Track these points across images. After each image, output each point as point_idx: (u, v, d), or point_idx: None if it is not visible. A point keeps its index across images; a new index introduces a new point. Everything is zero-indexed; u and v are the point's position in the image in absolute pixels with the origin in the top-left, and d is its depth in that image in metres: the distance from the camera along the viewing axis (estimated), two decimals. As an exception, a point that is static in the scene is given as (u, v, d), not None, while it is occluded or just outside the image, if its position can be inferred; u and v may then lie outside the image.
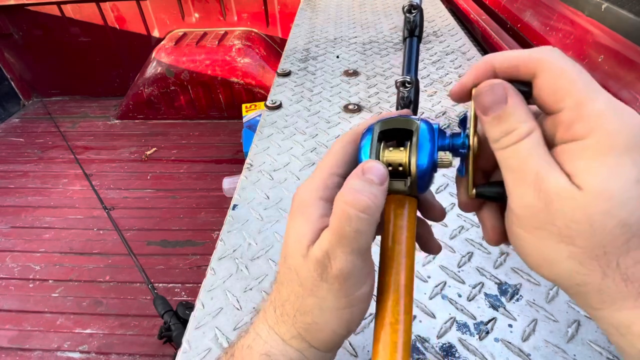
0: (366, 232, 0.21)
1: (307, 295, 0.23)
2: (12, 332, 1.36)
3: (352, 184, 0.22)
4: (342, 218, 0.21)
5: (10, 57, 2.68)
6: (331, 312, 0.23)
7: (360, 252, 0.22)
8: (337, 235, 0.21)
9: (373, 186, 0.22)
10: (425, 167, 0.23)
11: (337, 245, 0.21)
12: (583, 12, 0.78)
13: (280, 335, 0.25)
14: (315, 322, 0.24)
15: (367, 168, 0.22)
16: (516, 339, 0.41)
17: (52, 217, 1.84)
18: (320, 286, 0.22)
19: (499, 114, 0.20)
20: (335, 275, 0.22)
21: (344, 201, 0.21)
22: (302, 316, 0.24)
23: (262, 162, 0.70)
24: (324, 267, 0.22)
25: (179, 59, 2.27)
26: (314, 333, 0.24)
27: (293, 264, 0.23)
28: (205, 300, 0.47)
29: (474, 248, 0.51)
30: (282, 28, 2.44)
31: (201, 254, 1.60)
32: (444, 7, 1.34)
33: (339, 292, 0.22)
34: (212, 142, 2.34)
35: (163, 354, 1.27)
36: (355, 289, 0.23)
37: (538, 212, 0.19)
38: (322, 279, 0.22)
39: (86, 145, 2.35)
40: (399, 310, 0.22)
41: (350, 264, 0.22)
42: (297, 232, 0.23)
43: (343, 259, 0.21)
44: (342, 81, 0.95)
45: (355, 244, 0.21)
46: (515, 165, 0.20)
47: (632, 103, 0.59)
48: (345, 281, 0.22)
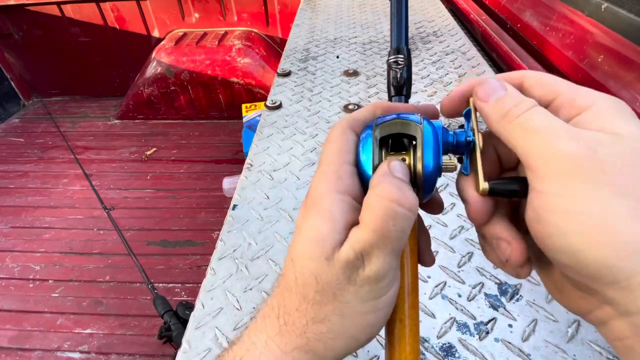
0: (406, 231, 0.20)
1: (327, 302, 0.21)
2: (12, 332, 1.36)
3: (391, 181, 0.20)
4: (387, 216, 0.19)
5: (10, 57, 2.68)
6: (353, 318, 0.21)
7: (396, 253, 0.21)
8: (378, 235, 0.20)
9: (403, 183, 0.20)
10: (431, 174, 0.22)
11: (376, 245, 0.20)
12: (583, 12, 0.78)
13: (279, 347, 0.22)
14: (332, 330, 0.21)
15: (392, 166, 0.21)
16: (516, 339, 0.41)
17: (52, 217, 1.84)
18: (346, 290, 0.21)
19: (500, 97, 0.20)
20: (368, 277, 0.20)
21: (389, 199, 0.20)
22: (316, 325, 0.22)
23: (262, 162, 0.70)
24: (355, 269, 0.20)
25: (179, 59, 2.27)
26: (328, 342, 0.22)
27: (311, 268, 0.21)
28: (205, 300, 0.47)
29: (474, 248, 0.51)
30: (282, 28, 2.44)
31: (201, 254, 1.60)
32: (444, 7, 1.34)
33: (367, 295, 0.21)
34: (212, 142, 2.34)
35: (163, 354, 1.26)
36: (383, 292, 0.21)
37: (583, 161, 0.16)
38: (349, 281, 0.20)
39: (86, 145, 2.35)
40: (405, 307, 0.23)
41: (387, 265, 0.20)
42: (316, 232, 0.21)
43: (381, 260, 0.20)
44: (342, 81, 0.95)
45: (396, 244, 0.20)
46: (539, 124, 0.18)
47: (632, 103, 0.59)
48: (377, 284, 0.21)
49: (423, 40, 1.11)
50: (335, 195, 0.21)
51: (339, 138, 0.23)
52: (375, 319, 0.22)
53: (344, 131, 0.24)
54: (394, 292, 0.22)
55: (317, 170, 0.23)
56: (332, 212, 0.21)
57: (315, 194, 0.22)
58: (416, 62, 1.00)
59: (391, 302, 0.22)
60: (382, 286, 0.21)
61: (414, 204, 0.20)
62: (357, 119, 0.24)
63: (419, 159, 0.22)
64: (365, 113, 0.25)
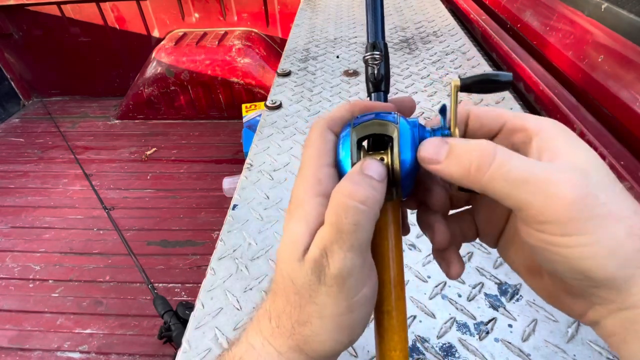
0: (365, 226, 0.20)
1: (305, 304, 0.21)
2: (12, 332, 1.36)
3: (351, 178, 0.21)
4: (339, 210, 0.20)
5: (10, 57, 2.68)
6: (332, 320, 0.21)
7: (360, 249, 0.20)
8: (335, 230, 0.20)
9: (373, 181, 0.21)
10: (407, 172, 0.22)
11: (334, 241, 0.20)
12: (583, 12, 0.78)
13: (275, 348, 0.23)
14: (316, 334, 0.22)
15: (366, 165, 0.21)
16: (516, 339, 0.41)
17: (52, 217, 1.84)
18: (319, 291, 0.21)
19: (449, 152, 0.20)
20: (334, 275, 0.20)
21: (342, 193, 0.20)
22: (301, 327, 0.22)
23: (262, 162, 0.70)
24: (322, 267, 0.20)
25: (179, 59, 2.27)
26: (314, 345, 0.22)
27: (287, 270, 0.22)
28: (205, 300, 0.47)
29: (474, 248, 0.51)
30: (282, 28, 2.44)
31: (201, 254, 1.60)
32: (444, 7, 1.34)
33: (338, 295, 0.21)
34: (212, 142, 2.34)
35: (163, 354, 1.27)
36: (355, 291, 0.21)
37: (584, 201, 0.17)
38: (320, 281, 0.21)
39: (86, 145, 2.35)
40: (391, 299, 0.24)
41: (349, 262, 0.20)
42: (292, 235, 0.21)
43: (342, 256, 0.20)
44: (342, 81, 0.95)
45: (353, 238, 0.20)
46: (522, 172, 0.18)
47: (632, 103, 0.59)
48: (344, 282, 0.20)
49: (423, 40, 1.11)
50: (314, 198, 0.21)
51: (317, 140, 0.23)
52: (351, 321, 0.22)
53: (322, 132, 0.24)
54: (368, 292, 0.22)
55: (298, 173, 0.23)
56: (308, 214, 0.21)
57: (296, 197, 0.22)
58: (416, 62, 1.00)
59: (366, 303, 0.22)
60: (350, 285, 0.21)
61: (368, 197, 0.20)
62: (334, 118, 0.24)
63: (395, 157, 0.22)
64: (344, 112, 0.25)
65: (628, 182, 0.55)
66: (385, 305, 0.24)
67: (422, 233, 0.55)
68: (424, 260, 0.50)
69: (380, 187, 0.21)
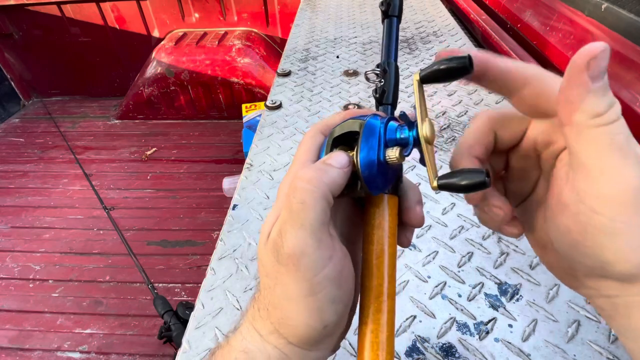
0: (312, 206, 0.21)
1: (274, 286, 0.22)
2: (12, 332, 1.36)
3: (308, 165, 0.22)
4: (290, 191, 0.21)
5: (10, 57, 2.68)
6: (297, 302, 0.21)
7: (311, 228, 0.21)
8: (287, 210, 0.21)
9: (326, 166, 0.22)
10: (368, 166, 0.22)
11: (287, 221, 0.21)
12: (583, 12, 0.78)
13: (258, 332, 0.24)
14: (287, 316, 0.22)
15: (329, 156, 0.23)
16: (516, 339, 0.41)
17: (52, 217, 1.84)
18: (280, 271, 0.21)
19: (605, 83, 0.18)
20: (287, 254, 0.21)
21: (294, 176, 0.22)
22: (274, 310, 0.23)
23: (262, 162, 0.70)
24: (278, 247, 0.21)
25: (179, 59, 2.27)
26: (288, 328, 0.22)
27: (260, 255, 0.23)
28: (205, 300, 0.47)
29: (474, 248, 0.51)
30: (282, 28, 2.44)
31: (201, 254, 1.60)
32: (444, 7, 1.34)
33: (296, 274, 0.21)
34: (212, 142, 2.34)
35: (163, 354, 1.27)
36: (313, 271, 0.21)
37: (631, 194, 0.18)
38: (278, 261, 0.21)
39: (86, 145, 2.35)
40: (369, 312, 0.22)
41: (300, 241, 0.20)
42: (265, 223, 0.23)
43: (293, 235, 0.21)
44: (342, 81, 0.95)
45: (302, 217, 0.20)
46: (622, 143, 0.18)
47: (632, 103, 0.59)
48: (298, 261, 0.21)
49: (423, 40, 1.11)
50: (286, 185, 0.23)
51: (307, 141, 0.25)
52: (318, 303, 0.21)
53: (313, 134, 0.25)
54: (330, 273, 0.21)
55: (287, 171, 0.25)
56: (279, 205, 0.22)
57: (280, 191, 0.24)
58: (416, 62, 1.00)
59: (331, 285, 0.21)
60: (306, 265, 0.21)
61: (313, 177, 0.21)
62: (327, 124, 0.26)
63: (357, 154, 0.22)
64: (337, 118, 0.26)
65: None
66: (363, 317, 0.23)
67: (421, 234, 0.55)
68: (424, 260, 0.50)
69: (333, 171, 0.22)
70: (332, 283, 0.21)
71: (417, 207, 0.26)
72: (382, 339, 0.22)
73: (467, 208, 0.57)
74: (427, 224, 0.55)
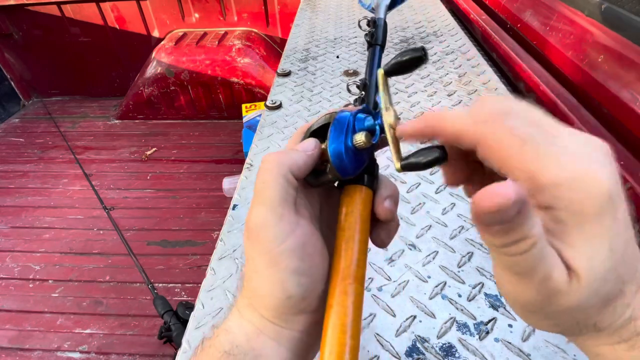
0: (272, 185, 0.23)
1: (246, 261, 0.24)
2: (12, 332, 1.36)
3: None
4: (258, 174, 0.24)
5: (10, 57, 2.68)
6: (262, 273, 0.23)
7: (271, 205, 0.22)
8: (255, 191, 0.24)
9: (290, 150, 0.24)
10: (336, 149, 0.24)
11: (253, 200, 0.23)
12: (583, 12, 0.78)
13: (237, 308, 0.25)
14: (255, 287, 0.24)
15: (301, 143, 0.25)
16: (516, 339, 0.41)
17: (52, 217, 1.84)
18: (247, 245, 0.23)
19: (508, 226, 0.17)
20: (250, 228, 0.23)
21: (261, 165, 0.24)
22: (248, 283, 0.24)
23: (262, 162, 0.70)
24: (247, 222, 0.23)
25: (179, 59, 2.27)
26: (258, 299, 0.24)
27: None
28: (205, 300, 0.47)
29: (474, 248, 0.51)
30: (282, 28, 2.44)
31: (201, 254, 1.60)
32: (444, 7, 1.34)
33: (259, 247, 0.23)
34: (212, 142, 2.34)
35: (163, 354, 1.27)
36: (274, 243, 0.22)
37: (537, 305, 0.19)
38: (247, 237, 0.23)
39: (86, 145, 2.35)
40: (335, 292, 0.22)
41: (260, 216, 0.22)
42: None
43: (255, 210, 0.23)
44: (342, 81, 0.95)
45: (263, 195, 0.23)
46: (523, 270, 0.18)
47: (632, 103, 0.59)
48: (259, 234, 0.22)
49: (423, 40, 1.11)
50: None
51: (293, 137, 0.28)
52: (279, 274, 0.22)
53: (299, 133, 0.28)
54: (289, 246, 0.22)
55: None
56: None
57: None
58: (416, 62, 1.00)
59: (292, 257, 0.22)
60: (266, 237, 0.22)
61: (274, 159, 0.24)
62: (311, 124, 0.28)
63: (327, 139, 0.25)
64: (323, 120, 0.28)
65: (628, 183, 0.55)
66: (329, 299, 0.23)
67: (421, 234, 0.55)
68: (424, 260, 0.50)
69: (294, 153, 0.24)
70: (293, 255, 0.22)
71: (387, 202, 0.26)
72: (346, 322, 0.21)
73: (467, 208, 0.57)
74: (427, 224, 0.55)
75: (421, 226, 0.55)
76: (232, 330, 0.25)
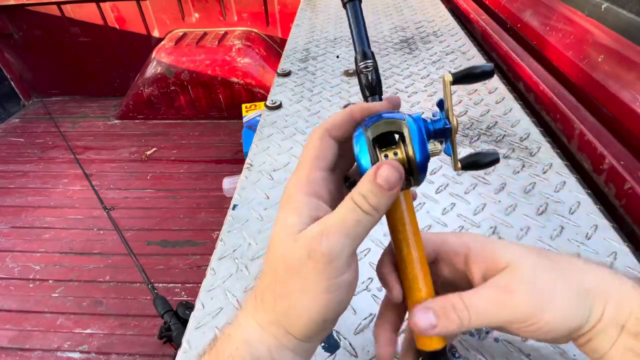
0: (365, 225, 0.24)
1: (290, 278, 0.24)
2: (12, 332, 1.36)
3: (362, 188, 0.24)
4: (348, 209, 0.24)
5: (10, 57, 2.68)
6: (311, 295, 0.24)
7: (353, 241, 0.24)
8: (339, 220, 0.23)
9: (382, 191, 0.23)
10: (423, 161, 0.25)
11: (333, 228, 0.23)
12: (583, 12, 0.78)
13: (258, 322, 0.25)
14: (294, 306, 0.24)
15: (379, 173, 0.23)
16: (516, 339, 0.41)
17: (52, 217, 1.84)
18: (306, 265, 0.23)
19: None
20: (323, 252, 0.23)
21: (354, 199, 0.24)
22: (282, 300, 0.24)
23: (262, 162, 0.70)
24: (315, 245, 0.23)
25: (179, 59, 2.27)
26: (292, 318, 0.24)
27: (280, 250, 0.24)
28: (205, 300, 0.47)
29: (474, 248, 0.51)
30: (282, 28, 2.44)
31: (201, 254, 1.60)
32: (444, 7, 1.34)
33: (323, 272, 0.23)
34: (212, 142, 2.34)
35: (163, 354, 1.27)
36: (338, 272, 0.23)
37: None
38: (309, 256, 0.23)
39: (86, 145, 2.35)
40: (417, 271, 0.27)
41: (340, 245, 0.23)
42: (287, 223, 0.24)
43: (335, 239, 0.23)
44: (342, 81, 0.95)
45: (351, 230, 0.23)
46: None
47: (632, 103, 0.59)
48: (331, 262, 0.23)
49: (423, 40, 1.11)
50: (303, 196, 0.25)
51: (315, 144, 0.26)
52: (327, 301, 0.24)
53: (321, 137, 0.27)
54: (349, 278, 0.24)
55: (294, 172, 0.27)
56: (299, 208, 0.25)
57: (289, 193, 0.26)
58: (416, 62, 1.00)
59: (344, 288, 0.24)
60: (335, 266, 0.23)
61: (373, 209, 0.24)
62: (335, 124, 0.27)
63: (410, 150, 0.25)
64: (343, 116, 0.27)
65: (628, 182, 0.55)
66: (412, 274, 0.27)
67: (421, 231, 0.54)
68: (424, 260, 0.50)
69: (388, 196, 0.24)
70: (347, 287, 0.24)
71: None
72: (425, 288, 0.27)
73: (467, 208, 0.57)
74: (427, 224, 0.55)
75: (421, 226, 0.55)
76: (253, 344, 0.25)
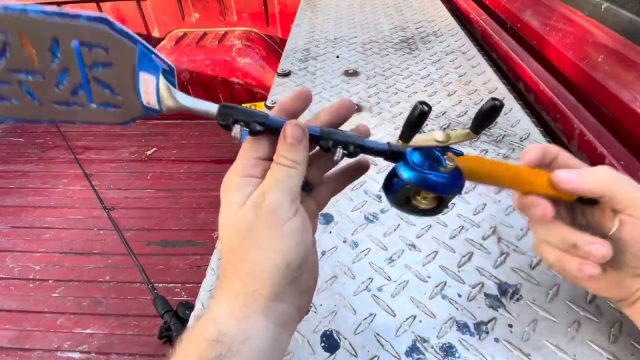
0: (294, 177, 0.27)
1: (244, 241, 0.27)
2: (12, 332, 1.36)
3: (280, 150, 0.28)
4: (276, 169, 0.28)
5: (10, 57, 2.68)
6: (267, 245, 0.26)
7: (289, 190, 0.27)
8: (272, 180, 0.27)
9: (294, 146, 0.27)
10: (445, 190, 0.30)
11: (271, 186, 0.27)
12: (583, 12, 0.78)
13: (225, 299, 0.27)
14: (255, 261, 0.26)
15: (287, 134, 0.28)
16: (516, 339, 0.41)
17: (52, 217, 1.84)
18: (255, 222, 0.26)
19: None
20: (268, 207, 0.26)
21: (278, 161, 0.28)
22: (243, 264, 0.27)
23: (262, 162, 0.70)
24: (259, 204, 0.26)
25: (179, 59, 2.27)
26: (256, 273, 0.26)
27: (229, 224, 0.28)
28: (205, 300, 0.47)
29: (474, 248, 0.51)
30: (282, 28, 2.43)
31: (201, 254, 1.60)
32: (444, 7, 1.34)
33: (272, 223, 0.26)
34: (212, 142, 2.34)
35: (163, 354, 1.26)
36: (285, 218, 0.26)
37: None
38: (256, 214, 0.26)
39: (86, 145, 2.35)
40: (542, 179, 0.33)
41: (280, 196, 0.27)
42: (231, 201, 0.28)
43: (275, 194, 0.27)
44: (342, 81, 0.95)
45: (285, 184, 0.27)
46: None
47: (632, 103, 0.59)
48: (275, 211, 0.26)
49: (423, 40, 1.11)
50: (240, 178, 0.29)
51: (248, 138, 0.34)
52: (285, 245, 0.26)
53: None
54: (297, 224, 0.27)
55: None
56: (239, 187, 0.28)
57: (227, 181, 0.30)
58: (416, 62, 1.00)
59: (298, 231, 0.27)
60: (281, 213, 0.26)
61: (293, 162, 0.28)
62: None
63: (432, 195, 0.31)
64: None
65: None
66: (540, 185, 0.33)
67: (421, 234, 0.55)
68: (424, 260, 0.50)
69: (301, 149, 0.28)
70: (298, 230, 0.27)
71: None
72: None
73: (467, 208, 0.57)
74: (427, 224, 0.55)
75: (421, 226, 0.55)
76: (219, 320, 0.26)
